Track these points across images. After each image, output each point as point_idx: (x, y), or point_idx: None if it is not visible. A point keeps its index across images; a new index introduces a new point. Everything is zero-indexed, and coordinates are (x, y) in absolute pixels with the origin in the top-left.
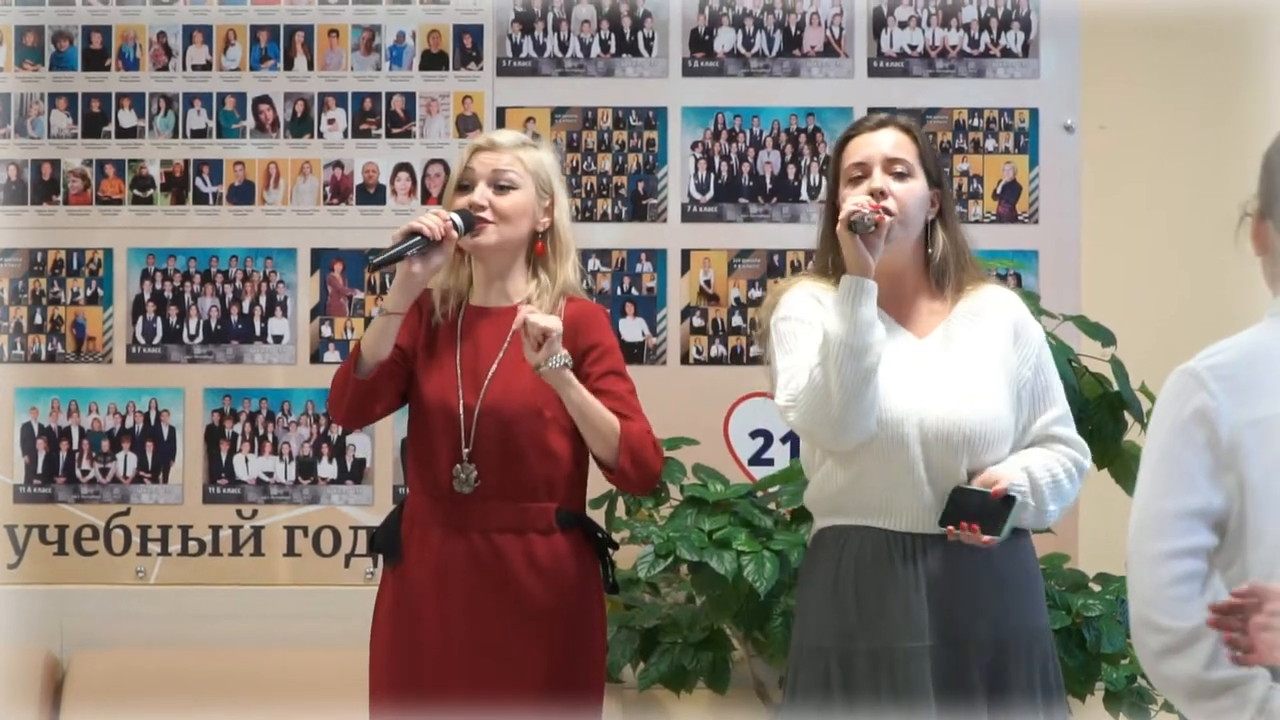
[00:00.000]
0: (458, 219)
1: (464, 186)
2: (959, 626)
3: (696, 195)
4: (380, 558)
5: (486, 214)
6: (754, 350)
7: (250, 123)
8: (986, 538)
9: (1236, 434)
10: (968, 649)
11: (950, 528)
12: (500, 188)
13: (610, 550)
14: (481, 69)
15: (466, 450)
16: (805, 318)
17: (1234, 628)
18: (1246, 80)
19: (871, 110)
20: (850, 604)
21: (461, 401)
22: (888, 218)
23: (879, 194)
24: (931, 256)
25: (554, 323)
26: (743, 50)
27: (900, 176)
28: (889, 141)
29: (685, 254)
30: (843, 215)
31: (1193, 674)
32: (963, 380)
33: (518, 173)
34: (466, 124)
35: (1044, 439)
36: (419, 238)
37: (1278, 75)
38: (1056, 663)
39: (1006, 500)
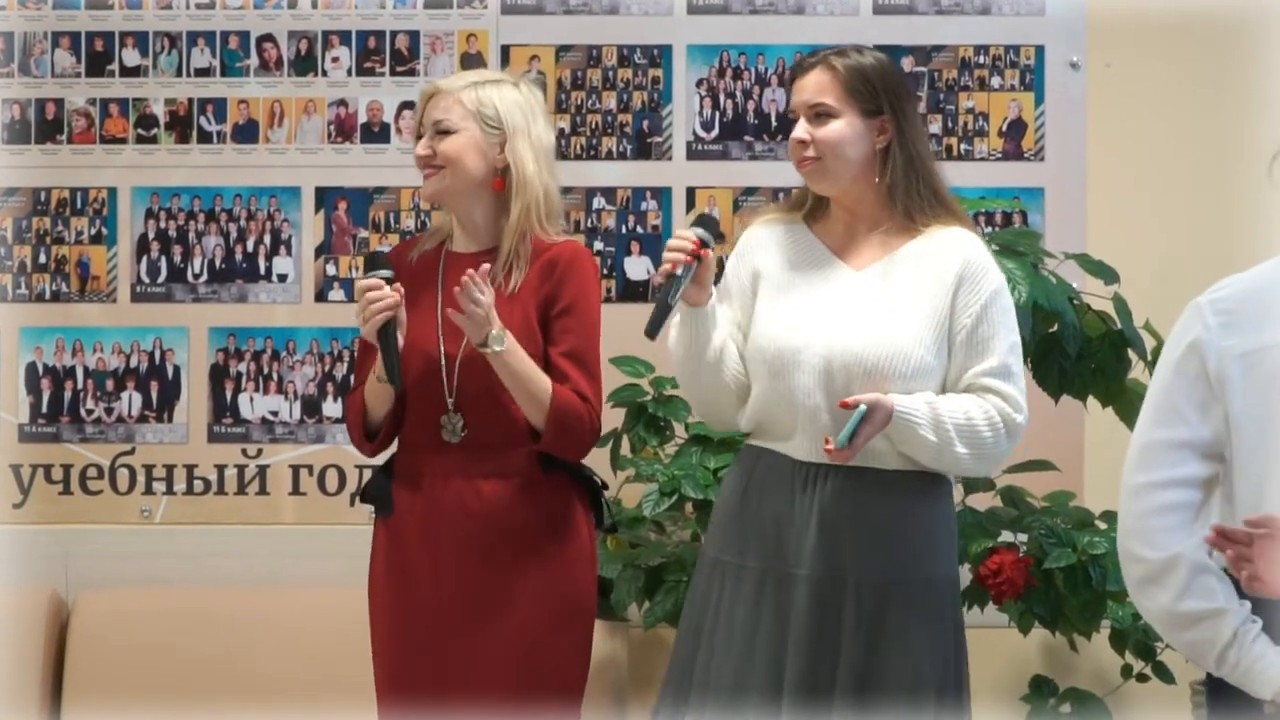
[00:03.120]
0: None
1: (422, 135)
2: (841, 561)
3: (701, 133)
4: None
5: (435, 162)
6: None
7: (254, 61)
8: (829, 447)
9: (1224, 365)
10: (846, 585)
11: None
12: (440, 133)
13: (603, 491)
14: (486, 7)
15: (450, 400)
16: (729, 277)
17: (1237, 547)
18: (1257, 20)
19: (878, 48)
20: (749, 524)
21: (443, 351)
22: (696, 261)
23: (799, 144)
24: (879, 185)
25: (482, 297)
26: None
27: (822, 119)
28: (811, 85)
29: (690, 192)
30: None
31: (1165, 605)
32: (878, 315)
33: (456, 116)
34: (471, 62)
35: (975, 388)
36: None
37: None
38: (953, 614)
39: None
